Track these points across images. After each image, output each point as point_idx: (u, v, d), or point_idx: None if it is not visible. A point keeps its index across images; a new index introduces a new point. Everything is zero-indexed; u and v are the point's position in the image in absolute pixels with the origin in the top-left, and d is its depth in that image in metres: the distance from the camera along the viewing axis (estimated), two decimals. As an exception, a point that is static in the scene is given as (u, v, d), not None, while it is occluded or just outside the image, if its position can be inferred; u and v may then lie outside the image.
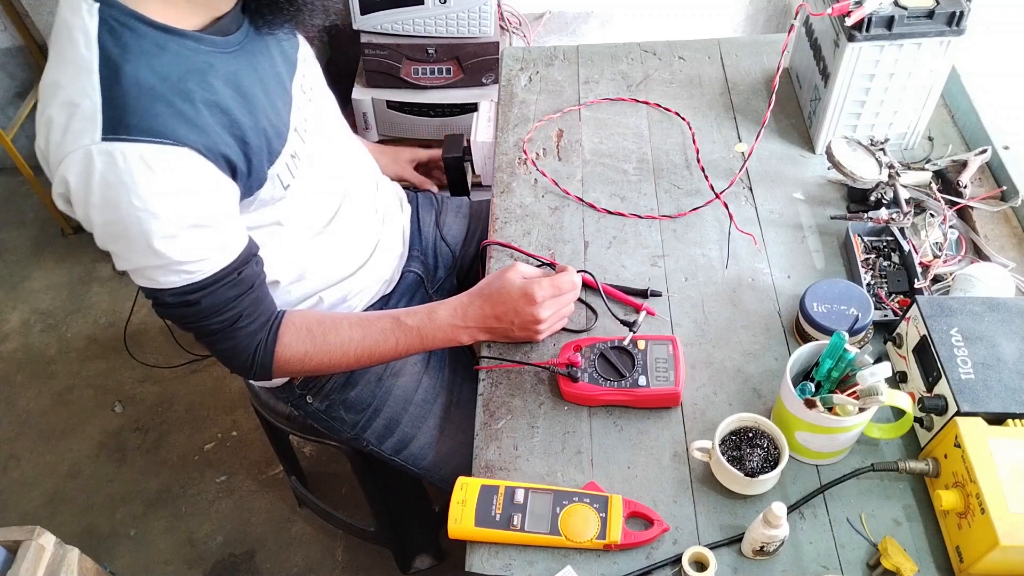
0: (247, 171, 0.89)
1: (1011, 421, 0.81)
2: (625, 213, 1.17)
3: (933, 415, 0.85)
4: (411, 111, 1.97)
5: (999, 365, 0.84)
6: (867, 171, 1.08)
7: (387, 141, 2.05)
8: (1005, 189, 1.13)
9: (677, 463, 0.91)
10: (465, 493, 0.87)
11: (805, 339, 0.98)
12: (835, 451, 0.88)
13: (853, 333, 0.94)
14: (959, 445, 0.79)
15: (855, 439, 0.88)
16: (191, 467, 1.88)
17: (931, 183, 1.11)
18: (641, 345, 0.97)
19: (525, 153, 1.27)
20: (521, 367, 1.01)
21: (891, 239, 1.06)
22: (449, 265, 1.34)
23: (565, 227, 1.16)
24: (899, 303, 1.01)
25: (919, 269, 1.01)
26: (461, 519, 0.85)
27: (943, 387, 0.84)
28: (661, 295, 1.06)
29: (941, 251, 1.04)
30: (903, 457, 0.89)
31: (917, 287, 0.99)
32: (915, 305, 0.90)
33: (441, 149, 1.43)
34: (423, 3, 1.81)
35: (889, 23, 1.05)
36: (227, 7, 0.88)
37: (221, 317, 0.91)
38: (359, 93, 1.97)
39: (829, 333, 0.91)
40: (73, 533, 1.77)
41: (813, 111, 1.23)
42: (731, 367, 0.99)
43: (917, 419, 0.88)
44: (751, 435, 0.87)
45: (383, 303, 1.22)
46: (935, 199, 1.09)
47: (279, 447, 1.61)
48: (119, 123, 0.77)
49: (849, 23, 1.06)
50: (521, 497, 0.86)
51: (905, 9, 1.05)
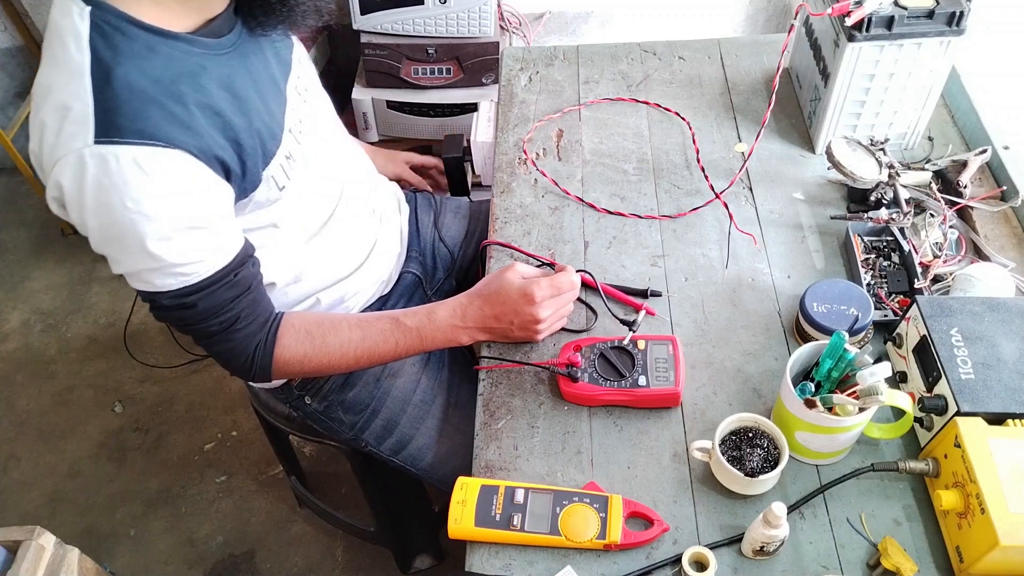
0: (241, 173, 0.88)
1: (1011, 421, 0.81)
2: (625, 213, 1.17)
3: (933, 415, 0.85)
4: (411, 111, 1.97)
5: (999, 365, 0.84)
6: (867, 171, 1.08)
7: (387, 141, 2.05)
8: (1005, 189, 1.13)
9: (677, 463, 0.91)
10: (465, 493, 0.87)
11: (805, 339, 0.98)
12: (835, 451, 0.88)
13: (853, 333, 0.94)
14: (959, 445, 0.79)
15: (855, 439, 0.88)
16: (191, 467, 1.88)
17: (931, 183, 1.11)
18: (641, 345, 0.97)
19: (525, 153, 1.27)
20: (521, 367, 1.01)
21: (891, 239, 1.06)
22: (448, 266, 1.34)
23: (565, 227, 1.16)
24: (899, 303, 1.01)
25: (919, 269, 1.01)
26: (461, 519, 0.85)
27: (943, 387, 0.84)
28: (661, 295, 1.06)
29: (941, 251, 1.04)
30: (903, 457, 0.89)
31: (917, 287, 0.99)
32: (915, 305, 0.90)
33: (437, 154, 1.43)
34: (423, 3, 1.81)
35: (889, 23, 1.05)
36: (219, 9, 0.88)
37: (219, 319, 0.91)
38: (359, 93, 1.97)
39: (829, 333, 0.91)
40: (73, 533, 1.77)
41: (813, 111, 1.23)
42: (731, 367, 0.99)
43: (917, 419, 0.88)
44: (751, 435, 0.87)
45: (381, 304, 1.22)
46: (935, 199, 1.09)
47: (279, 447, 1.61)
48: (111, 126, 0.77)
49: (849, 23, 1.06)
50: (521, 497, 0.86)
51: (905, 9, 1.05)
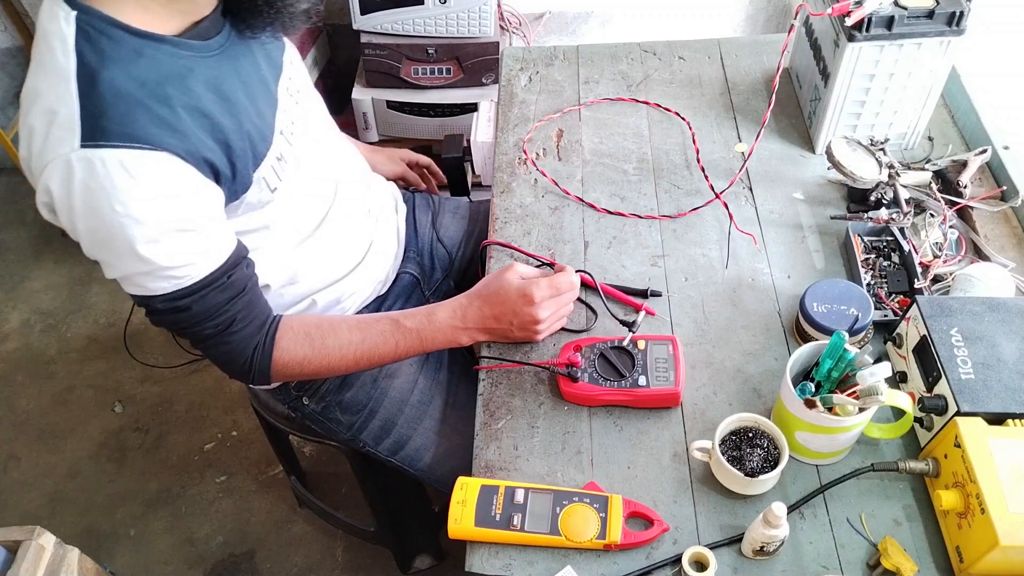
0: (231, 175, 0.88)
1: (1011, 421, 0.81)
2: (625, 213, 1.17)
3: (933, 415, 0.85)
4: (411, 111, 1.97)
5: (999, 365, 0.84)
6: (867, 171, 1.08)
7: (387, 141, 2.05)
8: (1005, 189, 1.13)
9: (677, 463, 0.91)
10: (465, 493, 0.87)
11: (805, 339, 0.98)
12: (835, 451, 0.88)
13: (853, 333, 0.94)
14: (959, 445, 0.79)
15: (855, 439, 0.88)
16: (191, 467, 1.88)
17: (931, 183, 1.11)
18: (641, 345, 0.97)
19: (525, 153, 1.27)
20: (521, 367, 1.01)
21: (891, 239, 1.06)
22: (446, 267, 1.34)
23: (565, 227, 1.16)
24: (899, 303, 1.01)
25: (919, 269, 1.01)
26: (461, 519, 0.85)
27: (943, 387, 0.84)
28: (661, 295, 1.06)
29: (941, 251, 1.04)
30: (903, 457, 0.89)
31: (917, 287, 0.99)
32: (915, 305, 0.90)
33: (437, 154, 1.43)
34: (423, 3, 1.81)
35: (889, 23, 1.05)
36: (206, 11, 0.88)
37: (214, 322, 0.91)
38: (359, 93, 1.97)
39: (829, 333, 0.91)
40: (73, 533, 1.77)
41: (813, 111, 1.23)
42: (731, 367, 0.99)
43: (917, 419, 0.88)
44: (751, 435, 0.87)
45: (378, 304, 1.21)
46: (935, 199, 1.09)
47: (279, 447, 1.61)
48: (97, 129, 0.77)
49: (849, 23, 1.06)
50: (521, 497, 0.86)
51: (905, 9, 1.05)
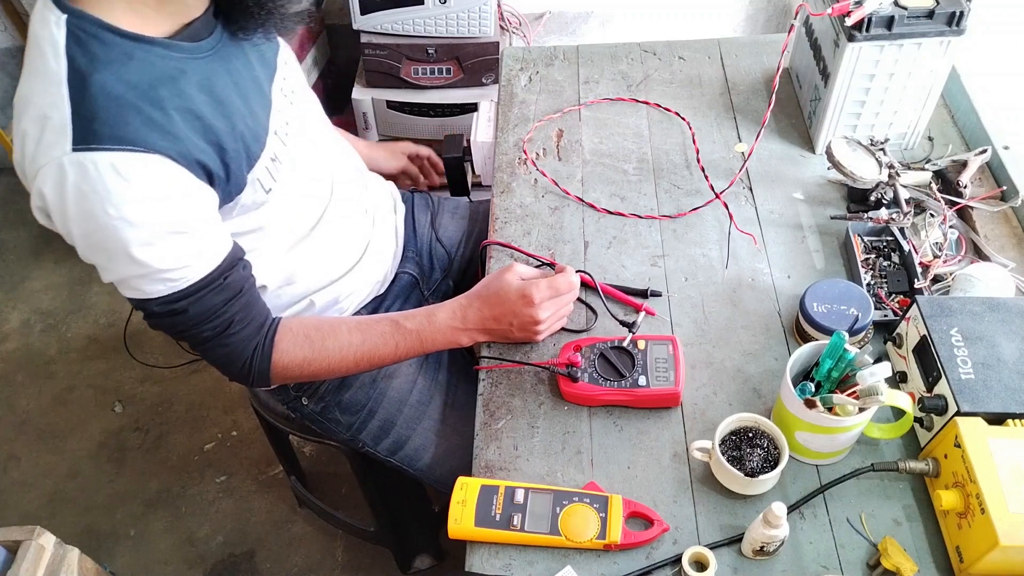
0: (225, 176, 0.88)
1: (1011, 421, 0.81)
2: (625, 213, 1.17)
3: (933, 415, 0.85)
4: (411, 111, 1.97)
5: (999, 365, 0.84)
6: (867, 171, 1.08)
7: (387, 141, 2.04)
8: (1005, 189, 1.13)
9: (677, 463, 0.91)
10: (465, 493, 0.87)
11: (805, 339, 0.98)
12: (835, 451, 0.88)
13: (853, 333, 0.94)
14: (959, 445, 0.79)
15: (855, 439, 0.88)
16: (191, 467, 1.88)
17: (931, 183, 1.11)
18: (641, 345, 0.97)
19: (525, 153, 1.27)
20: (521, 367, 1.01)
21: (891, 239, 1.06)
22: (445, 267, 1.34)
23: (565, 227, 1.16)
24: (899, 303, 1.01)
25: (919, 269, 1.01)
26: (461, 519, 0.85)
27: (943, 387, 0.84)
28: (661, 295, 1.06)
29: (941, 251, 1.04)
30: (903, 457, 0.89)
31: (917, 287, 0.99)
32: (915, 305, 0.90)
33: (437, 154, 1.43)
34: (423, 3, 1.81)
35: (889, 23, 1.05)
36: (197, 13, 0.87)
37: (211, 324, 0.90)
38: (359, 93, 1.97)
39: (829, 333, 0.91)
40: (73, 533, 1.77)
41: (813, 111, 1.23)
42: (731, 367, 0.99)
43: (917, 419, 0.88)
44: (751, 435, 0.87)
45: (376, 305, 1.21)
46: (935, 199, 1.09)
47: (279, 447, 1.61)
48: (89, 133, 0.77)
49: (849, 23, 1.06)
50: (521, 497, 0.86)
51: (905, 9, 1.05)
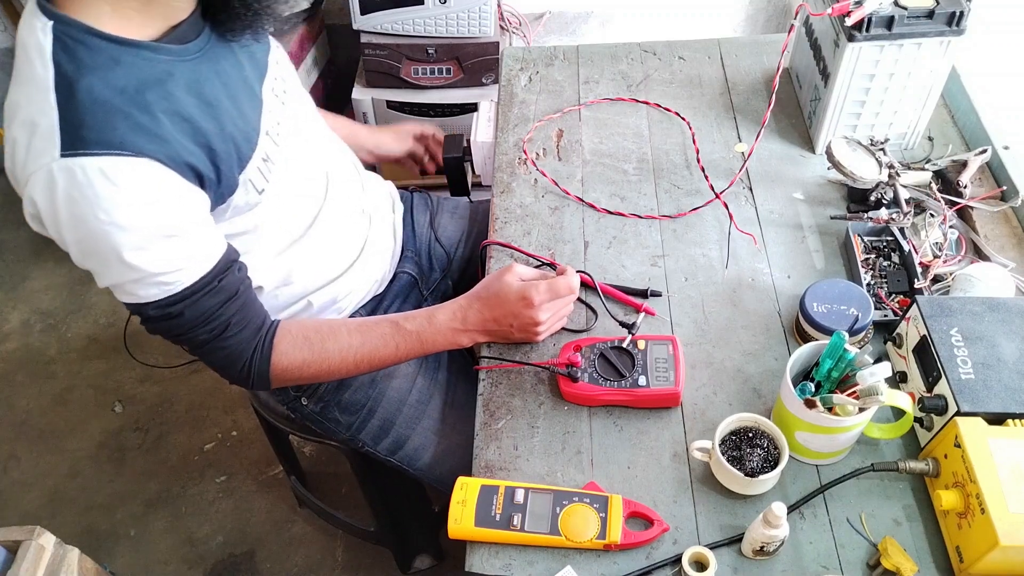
0: (216, 178, 0.88)
1: (1011, 421, 0.81)
2: (625, 213, 1.17)
3: (933, 415, 0.85)
4: (411, 111, 1.97)
5: (999, 365, 0.84)
6: (867, 171, 1.08)
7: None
8: (1005, 189, 1.13)
9: (677, 463, 0.91)
10: (465, 493, 0.87)
11: (805, 339, 0.98)
12: (835, 451, 0.88)
13: (853, 333, 0.94)
14: (959, 445, 0.79)
15: (855, 439, 0.88)
16: (191, 467, 1.88)
17: (931, 183, 1.11)
18: (641, 345, 0.97)
19: (525, 153, 1.27)
20: (521, 367, 1.01)
21: (891, 239, 1.06)
22: (444, 267, 1.34)
23: (565, 227, 1.16)
24: (899, 303, 1.01)
25: (919, 269, 1.01)
26: (461, 519, 0.85)
27: (943, 387, 0.84)
28: (661, 295, 1.06)
29: (941, 251, 1.04)
30: (903, 457, 0.89)
31: (917, 287, 0.99)
32: (915, 305, 0.90)
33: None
34: (423, 3, 1.81)
35: (889, 23, 1.05)
36: (183, 15, 0.87)
37: (208, 327, 0.90)
38: (359, 93, 1.97)
39: (829, 333, 0.91)
40: (73, 533, 1.77)
41: (813, 111, 1.23)
42: (731, 367, 0.99)
43: (917, 419, 0.88)
44: (751, 435, 0.87)
45: (375, 304, 1.21)
46: (935, 199, 1.09)
47: (279, 447, 1.61)
48: (76, 138, 0.77)
49: (849, 23, 1.06)
50: (521, 497, 0.86)
51: (905, 9, 1.05)
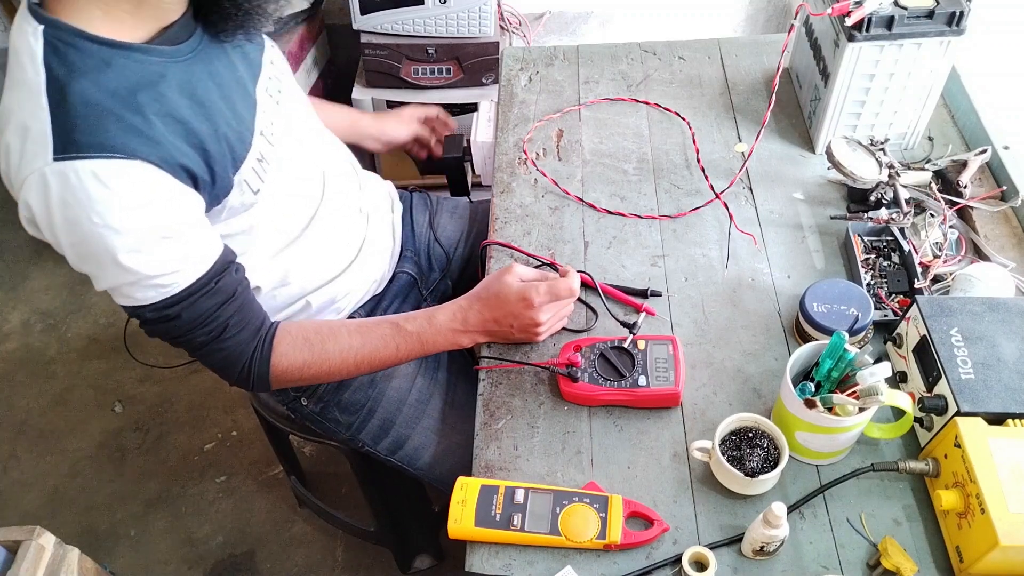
0: (210, 179, 0.88)
1: (1011, 421, 0.81)
2: (625, 213, 1.17)
3: (933, 415, 0.85)
4: (411, 111, 1.97)
5: (999, 365, 0.84)
6: (867, 171, 1.08)
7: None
8: (1005, 189, 1.13)
9: (677, 463, 0.91)
10: (465, 493, 0.87)
11: (805, 339, 0.98)
12: (835, 451, 0.88)
13: (853, 333, 0.94)
14: (959, 445, 0.79)
15: (855, 439, 0.88)
16: (191, 467, 1.88)
17: (931, 183, 1.11)
18: (641, 345, 0.97)
19: (525, 153, 1.27)
20: (521, 367, 1.01)
21: (891, 239, 1.06)
22: (443, 267, 1.34)
23: (565, 227, 1.16)
24: (899, 303, 1.01)
25: (919, 269, 1.01)
26: (461, 519, 0.85)
27: (943, 387, 0.84)
28: (661, 295, 1.06)
29: (941, 251, 1.04)
30: (903, 457, 0.89)
31: (917, 287, 0.99)
32: (915, 305, 0.90)
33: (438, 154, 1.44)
34: (423, 3, 1.81)
35: (889, 23, 1.05)
36: (175, 16, 0.87)
37: (206, 328, 0.90)
38: (359, 93, 1.97)
39: (829, 333, 0.91)
40: (73, 533, 1.77)
41: (813, 111, 1.23)
42: (731, 367, 0.99)
43: (917, 419, 0.88)
44: (751, 435, 0.87)
45: (374, 304, 1.21)
46: (935, 199, 1.09)
47: (279, 447, 1.61)
48: (68, 142, 0.77)
49: (849, 23, 1.06)
50: (521, 497, 0.86)
51: (905, 9, 1.05)
